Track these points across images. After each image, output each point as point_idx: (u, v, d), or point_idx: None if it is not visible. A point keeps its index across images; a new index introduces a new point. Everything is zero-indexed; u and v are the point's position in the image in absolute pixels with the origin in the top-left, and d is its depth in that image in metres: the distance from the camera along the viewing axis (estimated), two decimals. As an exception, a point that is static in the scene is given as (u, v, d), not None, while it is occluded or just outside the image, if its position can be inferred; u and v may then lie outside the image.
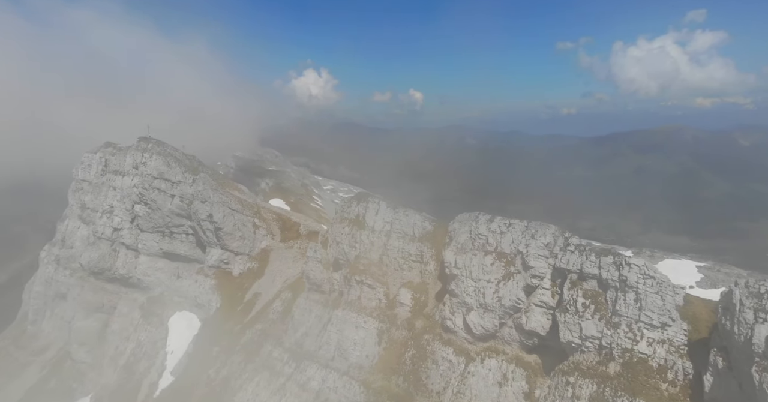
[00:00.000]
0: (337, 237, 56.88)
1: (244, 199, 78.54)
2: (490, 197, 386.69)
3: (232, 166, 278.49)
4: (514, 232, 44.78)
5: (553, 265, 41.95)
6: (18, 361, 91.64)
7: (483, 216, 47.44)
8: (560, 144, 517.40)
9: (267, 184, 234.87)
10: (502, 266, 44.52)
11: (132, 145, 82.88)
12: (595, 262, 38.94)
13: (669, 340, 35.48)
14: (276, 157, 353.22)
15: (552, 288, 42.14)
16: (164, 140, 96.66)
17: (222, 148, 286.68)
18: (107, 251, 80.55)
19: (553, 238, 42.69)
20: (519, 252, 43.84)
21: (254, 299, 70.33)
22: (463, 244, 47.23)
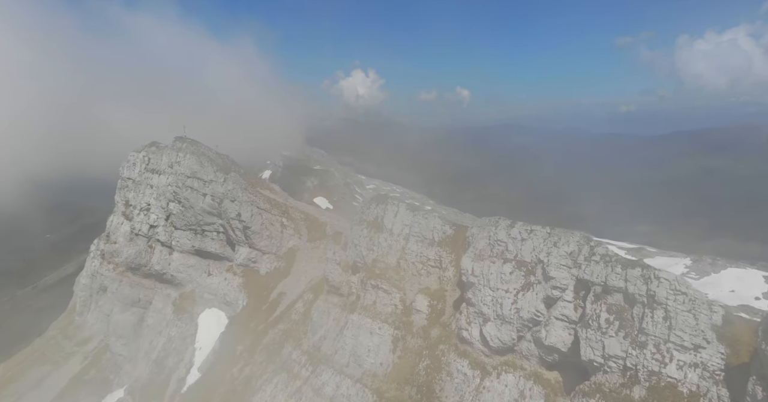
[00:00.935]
0: (355, 239, 56.13)
1: (273, 199, 79.57)
2: (540, 198, 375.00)
3: (280, 164, 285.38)
4: (536, 239, 42.21)
5: (577, 275, 39.13)
6: (64, 350, 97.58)
7: (503, 221, 45.11)
8: (618, 143, 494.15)
9: (312, 183, 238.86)
10: (522, 275, 42.11)
11: (168, 145, 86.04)
12: (621, 275, 35.89)
13: (702, 364, 32.04)
14: (323, 157, 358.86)
15: (575, 301, 39.33)
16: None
17: (272, 147, 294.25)
18: (144, 247, 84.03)
19: (577, 247, 39.85)
20: (540, 261, 41.28)
21: (279, 299, 70.99)
22: (481, 250, 45.13)
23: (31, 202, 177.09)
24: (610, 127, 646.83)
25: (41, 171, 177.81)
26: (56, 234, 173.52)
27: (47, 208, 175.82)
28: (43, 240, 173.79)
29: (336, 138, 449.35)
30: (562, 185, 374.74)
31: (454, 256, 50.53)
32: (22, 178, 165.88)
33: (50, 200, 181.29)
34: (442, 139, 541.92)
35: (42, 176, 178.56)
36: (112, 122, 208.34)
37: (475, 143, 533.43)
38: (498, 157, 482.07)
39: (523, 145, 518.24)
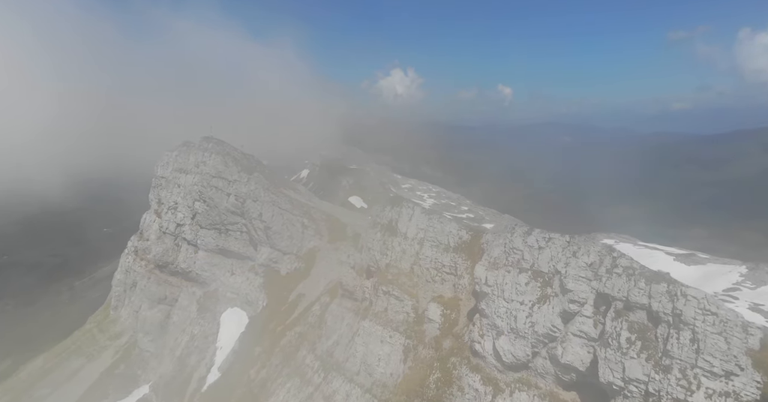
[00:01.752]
0: (369, 243, 54.80)
1: (295, 199, 79.49)
2: (585, 199, 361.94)
3: (317, 164, 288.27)
4: (554, 248, 39.44)
5: (597, 289, 36.17)
6: (98, 343, 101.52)
7: (520, 228, 42.53)
8: (671, 142, 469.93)
9: (347, 182, 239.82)
10: (538, 287, 39.45)
11: (195, 145, 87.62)
12: (645, 290, 32.78)
13: (735, 394, 28.62)
14: (360, 156, 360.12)
15: (594, 316, 36.37)
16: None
17: (311, 146, 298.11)
18: (171, 245, 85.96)
19: (598, 258, 36.85)
20: (557, 271, 38.52)
21: (297, 300, 70.72)
22: (496, 258, 42.74)
23: (84, 197, 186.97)
24: (662, 125, 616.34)
25: (86, 170, 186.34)
26: (115, 227, 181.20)
27: (103, 203, 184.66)
28: (101, 233, 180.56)
29: (374, 137, 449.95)
30: (609, 186, 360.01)
31: (470, 263, 48.26)
32: (67, 174, 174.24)
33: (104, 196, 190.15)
34: (482, 137, 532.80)
35: (89, 173, 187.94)
36: (155, 122, 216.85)
37: (517, 142, 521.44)
38: (541, 156, 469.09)
39: (567, 143, 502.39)
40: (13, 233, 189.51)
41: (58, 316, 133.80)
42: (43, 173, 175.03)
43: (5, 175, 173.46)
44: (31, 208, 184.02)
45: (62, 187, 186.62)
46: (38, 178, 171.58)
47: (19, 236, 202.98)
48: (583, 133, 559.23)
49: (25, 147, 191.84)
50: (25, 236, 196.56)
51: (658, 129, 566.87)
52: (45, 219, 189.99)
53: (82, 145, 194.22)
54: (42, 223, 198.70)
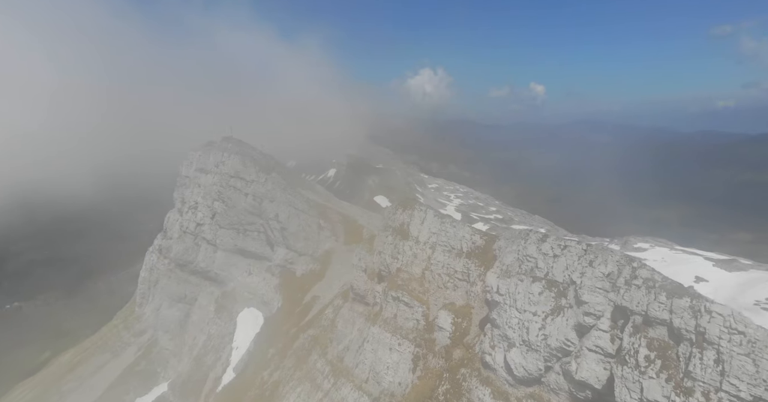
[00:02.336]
0: (380, 246, 53.53)
1: (312, 200, 79.01)
2: (621, 201, 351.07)
3: (344, 163, 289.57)
4: (569, 256, 37.19)
5: (615, 301, 33.82)
6: (122, 340, 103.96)
7: (534, 234, 40.37)
8: (715, 141, 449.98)
9: (373, 182, 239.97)
10: (552, 297, 37.29)
11: (216, 145, 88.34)
12: (666, 305, 30.32)
13: (765, 424, 26.02)
14: (387, 156, 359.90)
15: (612, 331, 34.00)
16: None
17: (338, 146, 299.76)
18: (191, 245, 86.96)
19: (616, 268, 34.46)
20: (572, 282, 36.28)
21: (312, 302, 70.20)
22: (508, 266, 40.73)
23: (117, 194, 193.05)
24: (705, 124, 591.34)
25: (118, 168, 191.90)
26: (157, 224, 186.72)
27: (136, 199, 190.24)
28: (139, 229, 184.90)
29: (402, 137, 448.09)
30: (647, 187, 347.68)
31: (483, 270, 46.34)
32: (98, 174, 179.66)
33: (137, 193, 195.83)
34: (513, 136, 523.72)
35: (121, 171, 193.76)
36: (185, 121, 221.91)
37: (550, 141, 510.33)
38: (574, 156, 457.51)
39: (603, 143, 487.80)
40: (51, 229, 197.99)
41: (95, 310, 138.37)
42: (76, 171, 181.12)
43: (39, 172, 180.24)
44: (66, 205, 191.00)
45: (95, 185, 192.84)
46: (71, 176, 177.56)
47: (57, 232, 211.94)
48: (620, 131, 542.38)
49: (57, 146, 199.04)
50: (62, 232, 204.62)
51: (700, 128, 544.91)
52: (81, 215, 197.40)
53: (113, 144, 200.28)
54: (78, 219, 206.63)
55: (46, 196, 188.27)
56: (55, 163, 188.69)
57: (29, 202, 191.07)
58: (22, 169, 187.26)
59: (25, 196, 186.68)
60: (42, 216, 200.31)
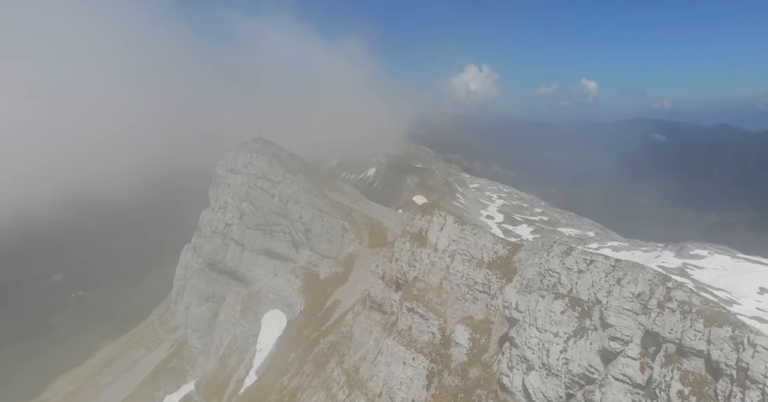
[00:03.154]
0: (397, 253, 51.24)
1: (338, 201, 77.71)
2: (680, 204, 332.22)
3: (383, 163, 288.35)
4: (595, 272, 33.61)
5: (645, 326, 30.11)
6: (157, 336, 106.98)
7: (558, 247, 36.92)
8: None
9: (412, 181, 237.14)
10: (576, 317, 33.84)
11: (245, 146, 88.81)
12: (703, 334, 26.48)
13: None
14: (428, 155, 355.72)
15: (641, 358, 30.32)
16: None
17: (378, 146, 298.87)
18: (220, 244, 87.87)
19: (648, 287, 30.70)
20: (598, 301, 32.74)
21: (334, 307, 68.86)
22: (529, 280, 37.50)
23: (166, 191, 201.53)
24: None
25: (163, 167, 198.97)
26: None
27: (184, 197, 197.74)
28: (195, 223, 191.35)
29: (444, 136, 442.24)
30: (707, 189, 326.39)
31: (505, 282, 43.12)
32: (144, 173, 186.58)
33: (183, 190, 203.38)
34: (562, 135, 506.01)
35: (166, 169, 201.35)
36: (226, 121, 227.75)
37: (602, 140, 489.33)
38: (629, 156, 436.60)
39: (659, 142, 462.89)
40: (110, 223, 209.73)
41: (151, 301, 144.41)
42: (125, 170, 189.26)
43: (90, 168, 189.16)
44: (119, 202, 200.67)
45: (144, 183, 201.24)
46: (119, 174, 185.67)
47: (115, 226, 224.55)
48: (678, 130, 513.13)
49: (102, 146, 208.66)
50: (120, 226, 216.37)
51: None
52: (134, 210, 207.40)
53: (158, 143, 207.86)
54: (132, 214, 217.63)
55: (97, 192, 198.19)
56: (101, 161, 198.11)
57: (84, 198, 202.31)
58: (71, 167, 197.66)
59: (77, 192, 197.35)
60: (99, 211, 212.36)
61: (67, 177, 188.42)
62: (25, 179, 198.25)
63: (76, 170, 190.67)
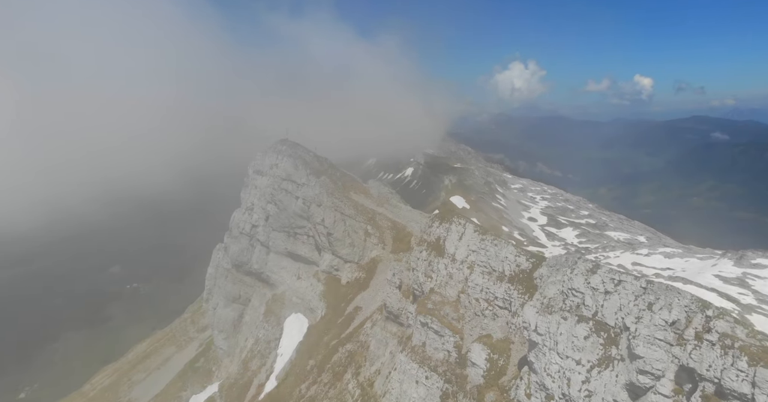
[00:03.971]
0: (413, 262, 48.63)
1: (361, 204, 75.74)
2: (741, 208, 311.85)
3: (421, 162, 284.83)
4: (624, 294, 29.91)
5: (680, 359, 26.31)
6: (188, 334, 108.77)
7: (583, 264, 33.29)
8: None
9: (450, 181, 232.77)
10: (600, 344, 30.28)
11: (272, 147, 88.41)
12: (747, 374, 22.59)
13: None
14: (468, 154, 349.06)
15: (675, 396, 26.55)
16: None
17: (416, 145, 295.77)
18: (246, 246, 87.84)
19: (684, 315, 26.85)
20: (626, 327, 29.08)
21: (354, 313, 66.98)
22: (550, 299, 34.07)
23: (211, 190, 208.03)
24: None
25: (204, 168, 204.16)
26: None
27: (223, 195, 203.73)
28: None
29: (486, 134, 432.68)
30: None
31: (527, 298, 39.75)
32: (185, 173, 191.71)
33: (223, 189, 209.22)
34: (613, 134, 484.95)
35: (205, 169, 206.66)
36: (266, 121, 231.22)
37: (657, 138, 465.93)
38: (686, 155, 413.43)
39: (719, 142, 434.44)
40: (158, 220, 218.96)
41: (196, 296, 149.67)
42: (165, 170, 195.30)
43: (128, 166, 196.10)
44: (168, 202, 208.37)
45: (186, 181, 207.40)
46: (160, 174, 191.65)
47: (164, 222, 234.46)
48: (742, 129, 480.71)
49: (142, 146, 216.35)
50: (169, 222, 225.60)
51: None
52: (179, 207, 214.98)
53: (196, 142, 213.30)
54: (178, 210, 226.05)
55: (140, 189, 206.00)
56: (141, 158, 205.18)
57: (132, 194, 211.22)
58: (112, 163, 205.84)
59: (123, 188, 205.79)
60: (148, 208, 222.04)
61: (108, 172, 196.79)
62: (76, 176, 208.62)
63: (114, 166, 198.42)
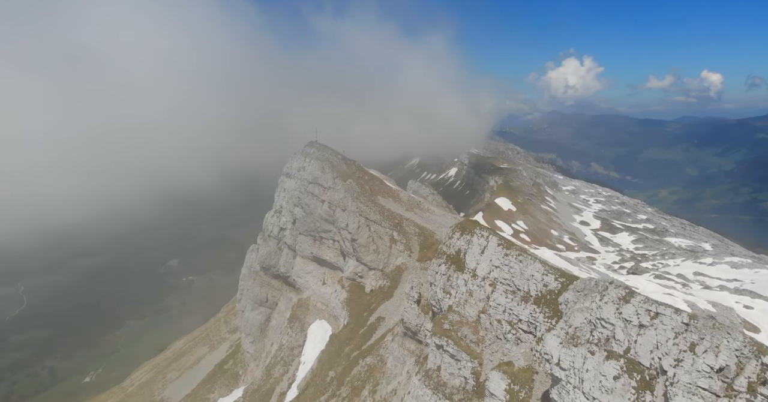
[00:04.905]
0: (431, 276, 45.00)
1: (388, 209, 72.56)
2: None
3: (465, 162, 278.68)
4: (662, 330, 25.28)
5: (729, 416, 21.62)
6: (220, 334, 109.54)
7: (615, 290, 28.70)
8: None
9: (495, 182, 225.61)
10: (633, 387, 25.77)
11: (300, 150, 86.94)
12: (817, 451, 17.84)
13: None
14: (516, 154, 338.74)
15: (722, 461, 21.89)
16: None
17: (463, 144, 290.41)
18: (274, 248, 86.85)
19: (734, 360, 22.11)
20: (663, 370, 24.51)
21: (376, 324, 64.03)
22: (576, 329, 29.71)
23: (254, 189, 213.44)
24: None
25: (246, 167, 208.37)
26: None
27: None
28: None
29: (537, 133, 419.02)
30: None
31: (555, 323, 35.46)
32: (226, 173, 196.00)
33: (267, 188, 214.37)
34: (676, 133, 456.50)
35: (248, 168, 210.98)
36: (309, 121, 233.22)
37: (726, 138, 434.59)
38: (759, 156, 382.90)
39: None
40: (211, 216, 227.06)
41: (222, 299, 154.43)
42: (204, 169, 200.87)
43: (170, 166, 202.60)
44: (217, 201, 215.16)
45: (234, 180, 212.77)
46: (199, 174, 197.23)
47: (215, 219, 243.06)
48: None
49: (187, 146, 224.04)
50: (221, 219, 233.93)
51: None
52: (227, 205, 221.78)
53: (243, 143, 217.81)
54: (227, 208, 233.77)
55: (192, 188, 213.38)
56: (190, 158, 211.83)
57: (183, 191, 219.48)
58: (163, 163, 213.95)
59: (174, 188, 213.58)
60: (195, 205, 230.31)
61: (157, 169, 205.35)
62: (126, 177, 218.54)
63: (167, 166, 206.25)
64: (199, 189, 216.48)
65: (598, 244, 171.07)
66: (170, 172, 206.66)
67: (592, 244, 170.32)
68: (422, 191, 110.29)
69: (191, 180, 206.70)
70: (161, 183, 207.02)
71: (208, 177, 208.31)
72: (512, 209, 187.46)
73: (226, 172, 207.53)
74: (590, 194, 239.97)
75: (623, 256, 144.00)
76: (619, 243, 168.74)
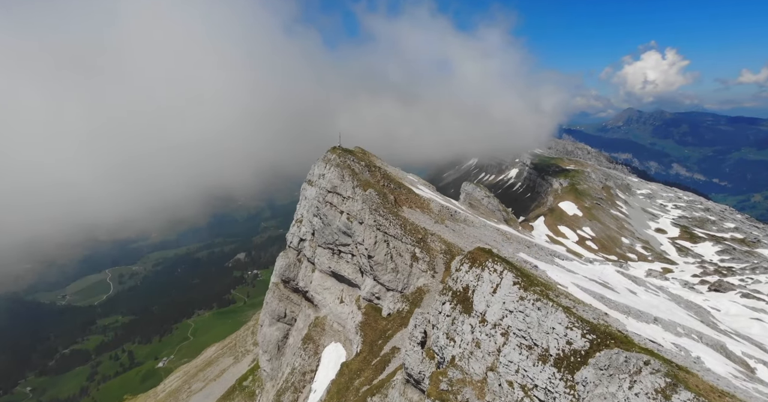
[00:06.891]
0: (434, 317, 37.33)
1: (412, 222, 64.99)
2: None
3: (527, 163, 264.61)
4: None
5: None
6: (245, 346, 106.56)
7: (652, 377, 20.05)
8: None
9: (560, 185, 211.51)
10: None
11: (321, 156, 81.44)
12: None
13: None
14: (586, 154, 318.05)
15: None
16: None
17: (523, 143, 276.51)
18: (293, 260, 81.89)
19: None
20: None
21: (390, 355, 56.95)
22: (598, 422, 21.34)
23: None
24: None
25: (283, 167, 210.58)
26: None
27: None
28: None
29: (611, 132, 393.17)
30: None
31: (576, 398, 26.89)
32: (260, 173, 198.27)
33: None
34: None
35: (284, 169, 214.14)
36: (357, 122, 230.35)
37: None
38: None
39: None
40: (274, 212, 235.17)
41: None
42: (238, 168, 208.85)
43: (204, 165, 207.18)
44: None
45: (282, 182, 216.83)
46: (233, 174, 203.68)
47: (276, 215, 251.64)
48: None
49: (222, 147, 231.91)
50: (281, 216, 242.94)
51: None
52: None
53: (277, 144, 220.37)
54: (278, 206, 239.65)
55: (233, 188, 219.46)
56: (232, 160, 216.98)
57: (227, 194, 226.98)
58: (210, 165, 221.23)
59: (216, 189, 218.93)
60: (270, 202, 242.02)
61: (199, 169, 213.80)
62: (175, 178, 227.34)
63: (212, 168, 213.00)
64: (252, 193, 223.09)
65: (676, 254, 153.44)
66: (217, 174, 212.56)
67: (669, 254, 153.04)
68: (477, 194, 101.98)
69: (237, 181, 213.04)
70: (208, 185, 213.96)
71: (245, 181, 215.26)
72: (578, 214, 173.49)
73: (274, 174, 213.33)
74: (669, 199, 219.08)
75: (705, 269, 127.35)
76: (701, 254, 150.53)
